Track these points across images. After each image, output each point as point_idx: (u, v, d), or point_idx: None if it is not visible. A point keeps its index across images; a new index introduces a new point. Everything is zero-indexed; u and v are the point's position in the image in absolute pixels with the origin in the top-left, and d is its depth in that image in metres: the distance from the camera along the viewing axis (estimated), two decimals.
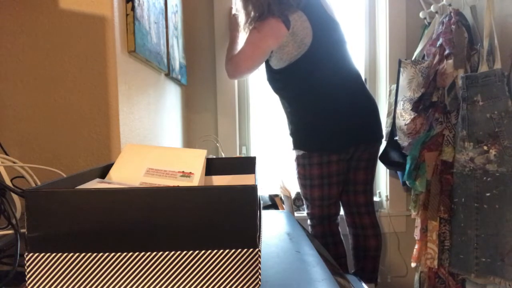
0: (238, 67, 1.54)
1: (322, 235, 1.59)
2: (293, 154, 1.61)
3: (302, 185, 1.59)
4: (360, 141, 1.52)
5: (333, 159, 1.49)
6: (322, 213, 1.57)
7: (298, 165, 1.57)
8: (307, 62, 1.44)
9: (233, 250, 0.47)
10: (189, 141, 1.87)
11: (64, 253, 0.46)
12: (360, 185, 1.60)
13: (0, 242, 0.62)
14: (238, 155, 1.89)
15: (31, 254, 0.46)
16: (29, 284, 0.46)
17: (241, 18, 1.57)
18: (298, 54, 1.43)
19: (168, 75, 1.37)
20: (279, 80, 1.52)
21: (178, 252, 0.47)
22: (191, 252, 0.47)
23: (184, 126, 1.78)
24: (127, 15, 0.94)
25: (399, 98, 1.67)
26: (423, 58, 1.70)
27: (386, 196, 1.96)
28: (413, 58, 1.75)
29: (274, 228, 0.86)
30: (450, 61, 1.51)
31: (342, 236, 1.64)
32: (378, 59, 1.98)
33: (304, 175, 1.55)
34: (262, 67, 1.58)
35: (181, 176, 0.68)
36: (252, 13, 1.48)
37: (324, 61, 1.46)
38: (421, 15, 1.81)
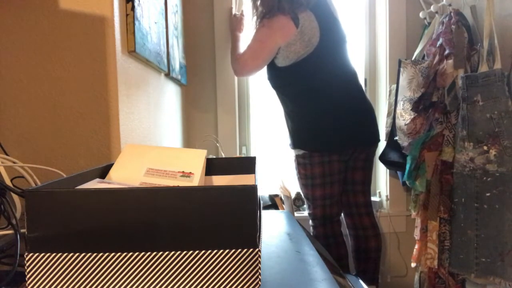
0: (246, 65, 1.54)
1: (324, 236, 1.59)
2: (292, 153, 1.60)
3: (304, 185, 1.59)
4: (359, 142, 1.52)
5: (333, 158, 1.49)
6: (324, 213, 1.57)
7: (299, 164, 1.56)
8: (312, 61, 1.44)
9: (233, 250, 0.47)
10: (189, 141, 1.87)
11: (64, 253, 0.46)
12: (358, 185, 1.60)
13: (0, 242, 0.62)
14: (238, 155, 1.89)
15: (31, 254, 0.46)
16: (29, 284, 0.46)
17: (248, 13, 1.56)
18: (304, 53, 1.43)
19: (168, 75, 1.37)
20: (282, 77, 1.52)
21: (178, 252, 0.47)
22: (191, 252, 0.47)
23: (184, 126, 1.78)
24: (127, 15, 0.94)
25: (399, 98, 1.67)
26: (423, 58, 1.70)
27: (386, 196, 1.96)
28: (413, 58, 1.75)
29: (274, 228, 0.86)
30: (450, 61, 1.51)
31: (344, 237, 1.64)
32: (378, 59, 1.98)
33: (305, 175, 1.55)
34: None
35: (181, 176, 0.68)
36: (260, 9, 1.47)
37: (327, 61, 1.47)
38: (421, 15, 1.81)
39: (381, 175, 2.00)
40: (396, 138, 1.68)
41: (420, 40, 1.79)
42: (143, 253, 0.46)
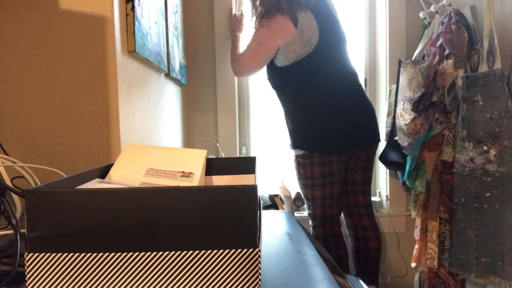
0: (246, 65, 1.54)
1: (324, 236, 1.59)
2: (292, 153, 1.60)
3: (303, 185, 1.59)
4: (360, 143, 1.52)
5: (333, 159, 1.49)
6: (324, 213, 1.57)
7: (299, 164, 1.56)
8: (312, 61, 1.43)
9: (233, 250, 0.47)
10: (189, 141, 1.87)
11: (64, 253, 0.46)
12: (359, 185, 1.60)
13: (0, 242, 0.62)
14: (238, 155, 1.88)
15: (31, 254, 0.45)
16: (29, 284, 0.46)
17: (248, 13, 1.56)
18: (304, 53, 1.42)
19: (168, 75, 1.37)
20: (282, 77, 1.52)
21: (178, 252, 0.47)
22: (191, 252, 0.47)
23: (184, 126, 1.78)
24: (127, 15, 0.94)
25: (399, 98, 1.67)
26: (423, 58, 1.70)
27: (386, 196, 1.96)
28: (413, 58, 1.75)
29: (274, 228, 0.86)
30: (450, 61, 1.51)
31: (343, 238, 1.64)
32: (378, 59, 1.98)
33: (305, 175, 1.55)
34: None
35: (181, 176, 0.68)
36: (259, 8, 1.47)
37: (327, 61, 1.46)
38: (421, 15, 1.81)
39: (381, 175, 2.00)
40: (396, 138, 1.68)
41: (420, 40, 1.79)
42: (143, 253, 0.46)
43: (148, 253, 0.46)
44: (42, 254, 0.45)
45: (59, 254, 0.46)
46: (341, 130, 1.48)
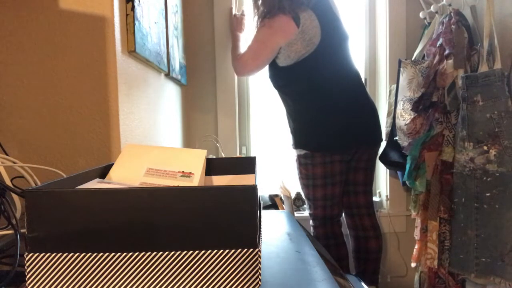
0: (247, 65, 1.53)
1: (324, 236, 1.58)
2: (293, 153, 1.60)
3: (305, 185, 1.58)
4: (362, 143, 1.52)
5: (335, 159, 1.49)
6: (325, 213, 1.57)
7: (300, 164, 1.56)
8: (313, 60, 1.43)
9: (233, 250, 0.47)
10: (189, 141, 1.87)
11: (64, 253, 0.46)
12: (360, 186, 1.60)
13: (0, 242, 0.62)
14: (238, 155, 1.88)
15: (31, 254, 0.46)
16: (29, 284, 0.46)
17: (249, 13, 1.56)
18: (306, 53, 1.42)
19: (168, 75, 1.37)
20: (284, 77, 1.51)
21: (178, 252, 0.47)
22: (191, 252, 0.47)
23: (184, 126, 1.78)
24: (127, 15, 0.94)
25: (399, 98, 1.67)
26: (423, 58, 1.70)
27: (386, 196, 1.96)
28: (413, 58, 1.75)
29: (274, 228, 0.86)
30: (450, 61, 1.51)
31: (344, 238, 1.64)
32: (378, 59, 1.98)
33: (307, 175, 1.54)
34: None
35: (181, 176, 0.68)
36: (261, 8, 1.47)
37: (329, 60, 1.46)
38: (421, 15, 1.81)
39: (381, 175, 2.00)
40: (396, 138, 1.68)
41: (420, 40, 1.79)
42: (143, 253, 0.46)
43: (148, 253, 0.46)
44: (42, 254, 0.46)
45: (59, 254, 0.46)
46: (343, 130, 1.48)
